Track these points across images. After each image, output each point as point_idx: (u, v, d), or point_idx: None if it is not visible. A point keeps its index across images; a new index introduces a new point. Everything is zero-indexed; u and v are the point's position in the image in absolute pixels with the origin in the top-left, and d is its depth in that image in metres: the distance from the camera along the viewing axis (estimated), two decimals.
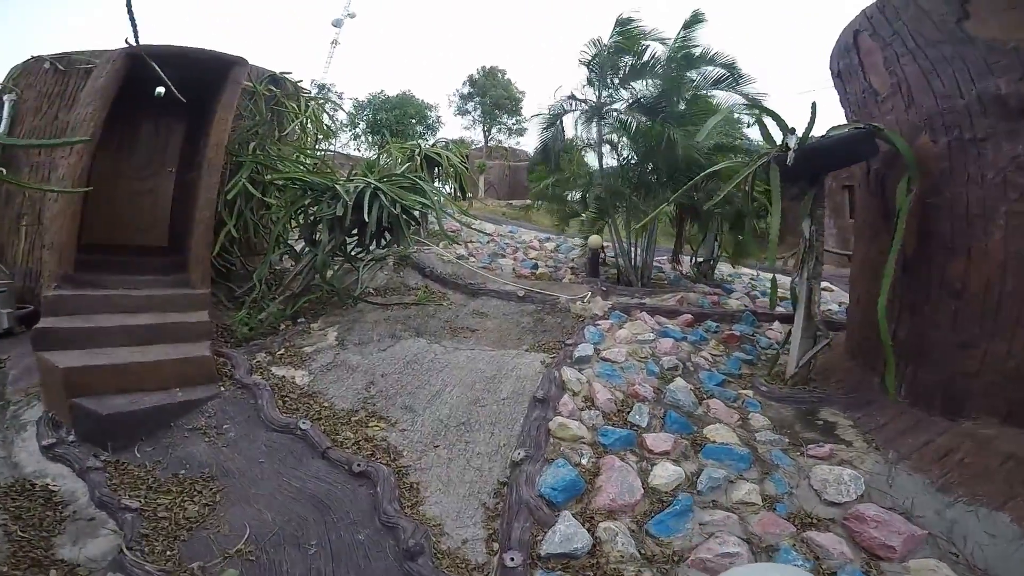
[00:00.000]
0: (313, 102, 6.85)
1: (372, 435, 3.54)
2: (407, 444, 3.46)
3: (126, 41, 3.77)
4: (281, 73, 6.20)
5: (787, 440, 3.37)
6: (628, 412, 3.60)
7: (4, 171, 4.90)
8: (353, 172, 6.14)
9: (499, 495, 2.97)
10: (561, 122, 7.14)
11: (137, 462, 3.34)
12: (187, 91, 5.58)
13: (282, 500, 3.00)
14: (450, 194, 10.13)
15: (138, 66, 4.78)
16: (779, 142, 3.97)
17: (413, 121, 24.69)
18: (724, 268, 8.94)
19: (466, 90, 29.27)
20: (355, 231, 5.71)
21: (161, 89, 5.66)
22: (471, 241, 9.45)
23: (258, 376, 4.25)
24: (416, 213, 5.91)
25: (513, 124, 30.49)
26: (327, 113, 9.00)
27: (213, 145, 4.82)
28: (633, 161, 7.66)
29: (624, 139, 7.31)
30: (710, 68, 6.36)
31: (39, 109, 5.00)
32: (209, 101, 5.07)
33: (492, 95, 28.37)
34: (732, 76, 6.33)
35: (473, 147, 25.19)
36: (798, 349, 4.05)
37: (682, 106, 6.58)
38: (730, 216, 6.80)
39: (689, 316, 5.41)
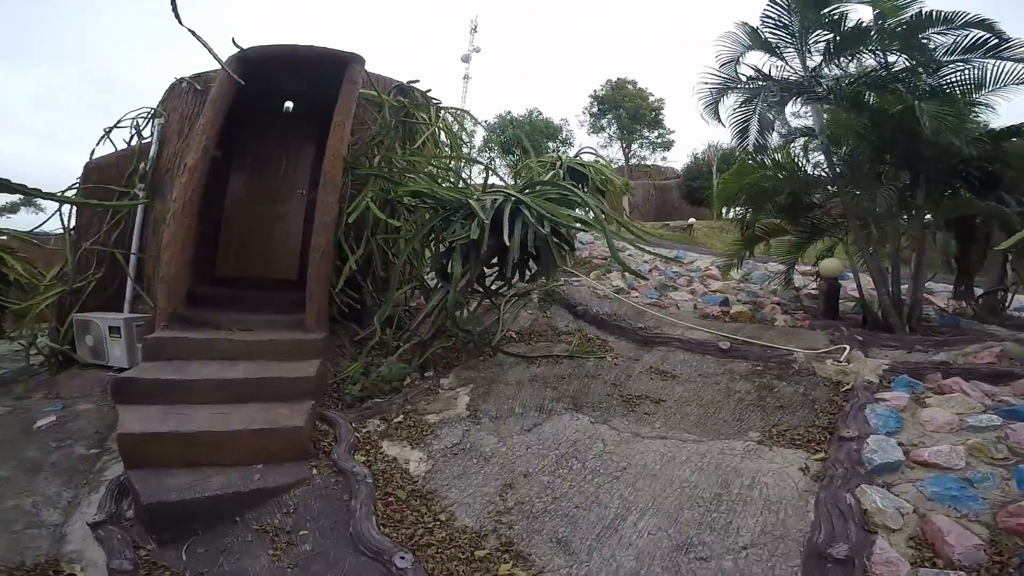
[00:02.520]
0: (445, 111, 5.95)
1: None
2: None
3: (234, 43, 3.09)
4: (409, 82, 5.40)
5: None
6: (1013, 568, 1.77)
7: (140, 194, 4.67)
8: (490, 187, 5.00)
9: None
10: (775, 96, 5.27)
11: (178, 569, 2.40)
12: (312, 106, 5.11)
13: None
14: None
15: (258, 78, 4.25)
16: None
17: (545, 139, 23.45)
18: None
19: (594, 108, 26.30)
20: (495, 259, 4.49)
21: (290, 104, 5.19)
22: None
23: (361, 458, 3.10)
24: (563, 232, 4.51)
25: (656, 137, 26.70)
26: (464, 132, 8.24)
27: (329, 157, 4.00)
28: (862, 157, 5.52)
29: (857, 121, 5.19)
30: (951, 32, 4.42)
31: (181, 131, 4.74)
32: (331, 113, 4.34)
33: (628, 107, 25.36)
34: (996, 38, 4.27)
35: (613, 166, 23.22)
36: None
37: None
38: None
39: None
